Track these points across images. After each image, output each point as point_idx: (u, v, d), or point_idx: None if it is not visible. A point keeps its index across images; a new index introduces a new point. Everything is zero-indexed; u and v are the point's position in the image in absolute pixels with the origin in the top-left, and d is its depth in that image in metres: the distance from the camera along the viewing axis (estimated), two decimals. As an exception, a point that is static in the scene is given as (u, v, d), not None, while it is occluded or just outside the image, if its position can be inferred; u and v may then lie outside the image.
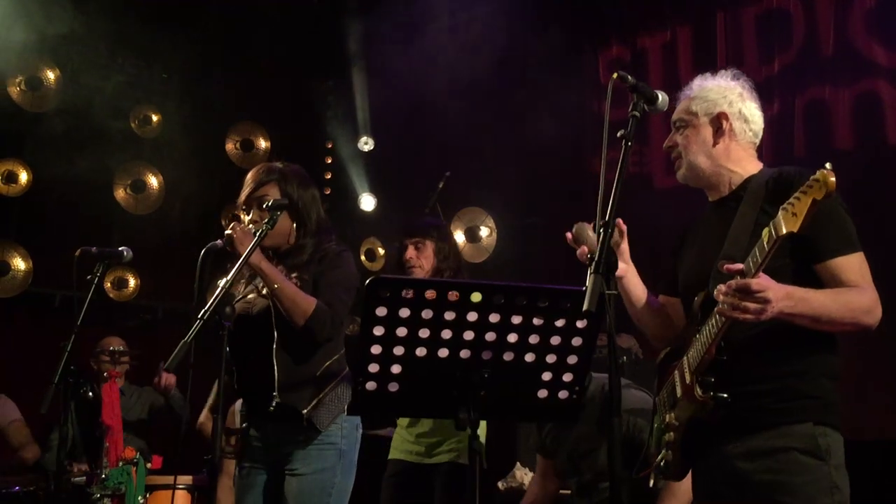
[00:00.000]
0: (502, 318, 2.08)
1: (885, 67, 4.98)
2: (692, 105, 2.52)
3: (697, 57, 5.74)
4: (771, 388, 2.23)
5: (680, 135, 2.53)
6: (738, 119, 2.48)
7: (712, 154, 2.47)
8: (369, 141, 7.10)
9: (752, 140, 2.51)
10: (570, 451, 3.43)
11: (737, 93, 2.51)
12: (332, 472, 2.91)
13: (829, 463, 2.18)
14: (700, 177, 2.49)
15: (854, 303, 2.19)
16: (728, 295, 2.06)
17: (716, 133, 2.47)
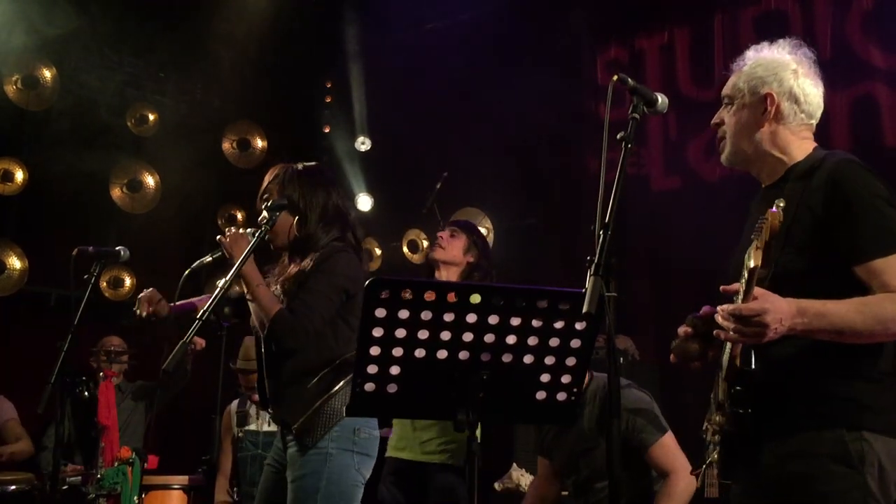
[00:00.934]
0: (501, 319, 2.07)
1: (882, 69, 5.00)
2: (740, 80, 2.32)
3: (695, 58, 5.76)
4: (800, 392, 2.12)
5: (727, 112, 2.34)
6: (787, 99, 2.26)
7: (754, 138, 2.28)
8: (366, 141, 7.09)
9: (804, 122, 2.29)
10: (571, 449, 3.44)
11: (791, 69, 2.29)
12: (315, 477, 2.83)
13: (864, 471, 2.04)
14: (745, 161, 2.32)
15: (885, 312, 2.01)
16: (725, 319, 1.97)
17: (761, 115, 2.28)
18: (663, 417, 3.37)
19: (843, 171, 2.13)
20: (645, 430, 3.27)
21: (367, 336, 2.05)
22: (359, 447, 2.91)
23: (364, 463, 2.93)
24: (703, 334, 2.24)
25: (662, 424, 3.31)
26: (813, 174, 2.17)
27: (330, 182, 3.12)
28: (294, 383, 2.87)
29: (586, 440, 3.39)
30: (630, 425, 3.28)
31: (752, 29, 5.45)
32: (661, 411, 3.41)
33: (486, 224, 6.43)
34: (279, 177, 3.05)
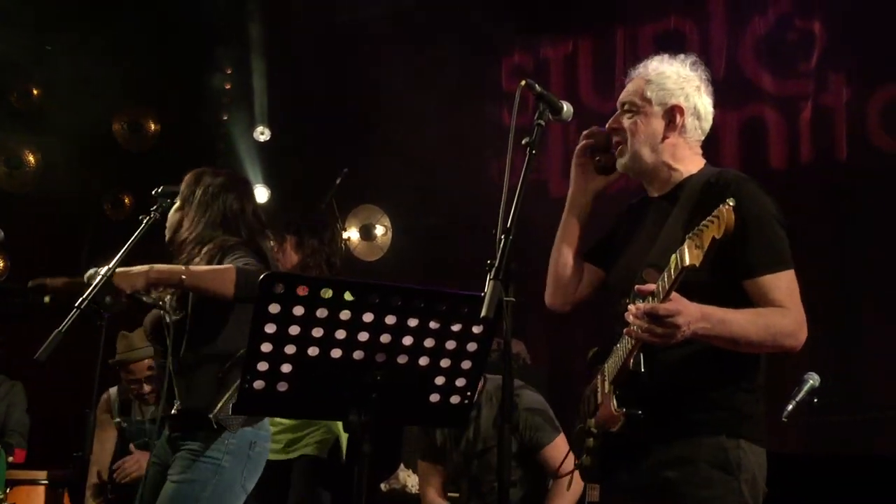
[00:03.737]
0: (398, 320, 2.03)
1: (771, 94, 5.22)
2: (647, 90, 2.33)
3: (597, 70, 5.87)
4: (686, 398, 2.16)
5: (628, 119, 2.35)
6: (691, 115, 2.31)
7: (658, 148, 2.31)
8: (266, 131, 6.92)
9: (699, 137, 2.36)
10: (466, 450, 3.44)
11: (695, 85, 2.34)
12: (200, 485, 2.74)
13: (740, 477, 2.11)
14: (641, 169, 2.34)
15: (776, 325, 2.09)
16: (638, 318, 1.99)
17: (667, 126, 2.31)
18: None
19: (741, 189, 2.17)
20: (542, 429, 3.32)
21: (259, 332, 1.98)
22: (251, 462, 2.84)
23: (251, 478, 2.88)
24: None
25: (557, 425, 3.36)
26: (708, 189, 2.21)
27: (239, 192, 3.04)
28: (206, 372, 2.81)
29: (483, 441, 3.40)
30: (527, 424, 3.31)
31: (651, 45, 5.59)
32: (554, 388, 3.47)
33: (385, 223, 6.38)
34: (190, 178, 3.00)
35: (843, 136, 4.94)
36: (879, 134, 4.87)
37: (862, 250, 4.83)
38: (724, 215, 1.88)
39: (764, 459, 2.19)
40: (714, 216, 1.90)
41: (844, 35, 4.96)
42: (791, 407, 3.31)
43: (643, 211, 2.41)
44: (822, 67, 5.04)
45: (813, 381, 3.35)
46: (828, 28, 5.04)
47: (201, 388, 2.82)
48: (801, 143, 5.10)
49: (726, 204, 1.90)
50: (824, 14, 5.05)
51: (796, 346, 2.12)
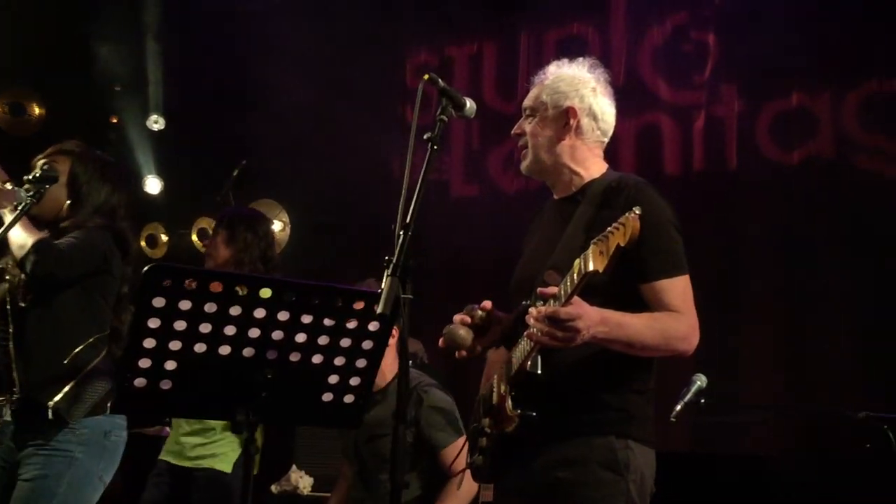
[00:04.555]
0: (292, 316, 1.97)
1: (667, 102, 5.36)
2: (543, 93, 2.37)
3: (501, 72, 5.91)
4: (579, 399, 2.18)
5: (528, 123, 2.38)
6: (587, 116, 2.34)
7: (555, 150, 2.34)
8: (160, 119, 6.67)
9: (599, 139, 2.38)
10: (358, 433, 3.37)
11: (590, 86, 2.36)
12: (55, 480, 2.64)
13: (627, 477, 2.14)
14: (542, 171, 2.38)
15: (670, 329, 2.13)
16: (538, 321, 1.99)
17: (562, 128, 2.34)
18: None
19: (642, 195, 2.21)
20: (443, 430, 3.28)
21: (142, 326, 1.88)
22: (108, 452, 2.76)
23: (108, 469, 2.78)
24: (478, 327, 2.28)
25: (460, 427, 3.34)
26: (610, 192, 2.24)
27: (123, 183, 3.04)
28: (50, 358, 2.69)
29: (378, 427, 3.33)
30: (429, 423, 3.28)
31: (554, 50, 5.67)
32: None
33: (283, 218, 6.25)
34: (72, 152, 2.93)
35: (734, 146, 5.12)
36: (768, 145, 5.06)
37: (747, 257, 5.02)
38: (630, 223, 1.90)
39: (653, 459, 2.23)
40: (620, 223, 1.91)
41: (737, 48, 5.14)
42: (679, 407, 3.39)
43: (548, 214, 2.44)
44: (715, 79, 5.21)
45: (700, 382, 3.44)
46: (721, 41, 5.21)
47: (42, 375, 2.70)
48: (695, 151, 5.26)
49: (633, 212, 1.92)
50: (718, 27, 5.22)
51: (689, 350, 2.16)
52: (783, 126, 5.02)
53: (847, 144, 4.87)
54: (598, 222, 2.15)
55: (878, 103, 4.82)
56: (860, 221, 4.73)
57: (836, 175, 4.86)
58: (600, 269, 1.88)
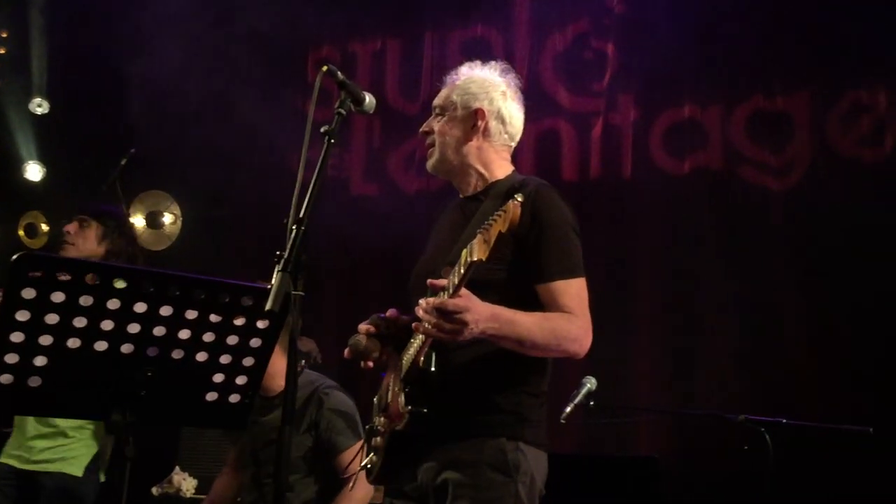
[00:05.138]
0: (175, 311, 1.89)
1: (566, 109, 5.44)
2: (454, 94, 2.40)
3: (404, 71, 5.87)
4: (472, 399, 2.17)
5: (437, 122, 2.41)
6: (495, 118, 2.37)
7: (462, 150, 2.37)
8: (43, 103, 6.33)
9: (506, 143, 2.41)
10: (254, 438, 3.28)
11: (500, 90, 2.40)
12: None
13: (517, 479, 2.13)
14: (448, 170, 2.40)
15: (561, 330, 2.14)
16: (427, 313, 1.97)
17: (471, 129, 2.37)
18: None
19: (544, 197, 2.24)
20: (343, 433, 3.22)
21: (9, 320, 1.75)
22: None
23: None
24: (383, 335, 2.26)
25: (359, 431, 3.28)
26: (513, 192, 2.20)
27: None
28: None
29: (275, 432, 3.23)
30: (329, 426, 3.21)
31: (458, 51, 5.67)
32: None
33: (174, 211, 6.04)
34: None
35: (629, 155, 5.23)
36: (661, 154, 5.20)
37: (638, 264, 5.14)
38: (510, 210, 1.91)
39: (544, 462, 2.24)
40: (501, 211, 1.92)
41: (634, 59, 5.26)
42: (569, 409, 3.43)
43: (452, 212, 2.45)
44: (612, 88, 5.32)
45: (590, 384, 3.50)
46: (620, 51, 5.32)
47: None
48: (592, 158, 5.35)
49: (514, 199, 1.94)
50: (618, 37, 5.33)
51: (580, 352, 2.17)
52: (675, 136, 5.17)
53: (734, 156, 5.05)
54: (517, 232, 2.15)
55: (763, 119, 5.02)
56: (744, 231, 4.91)
57: (724, 185, 5.03)
58: (483, 258, 1.87)
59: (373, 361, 2.24)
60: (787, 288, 4.79)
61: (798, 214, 4.81)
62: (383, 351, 2.26)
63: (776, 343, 4.73)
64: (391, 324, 2.27)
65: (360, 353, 2.22)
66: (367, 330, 2.25)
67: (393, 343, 2.27)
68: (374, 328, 2.25)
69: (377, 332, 2.25)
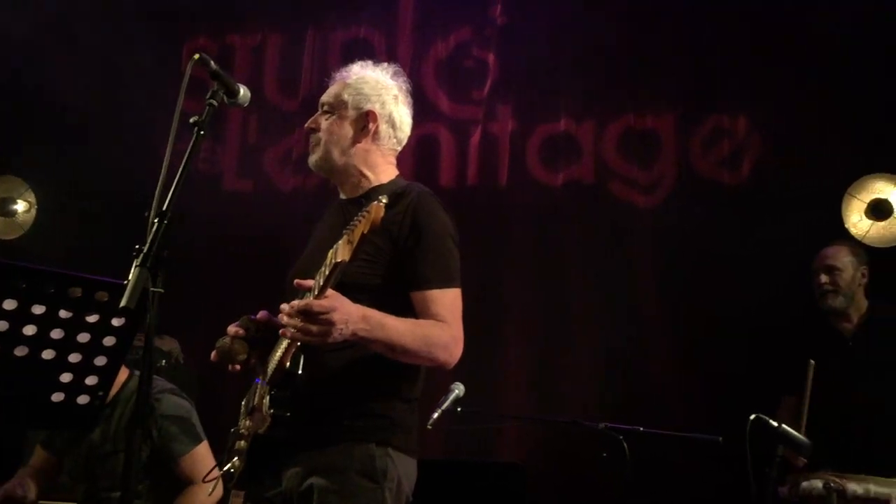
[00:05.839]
0: (21, 305, 1.77)
1: (446, 115, 5.47)
2: (344, 93, 2.38)
3: (284, 68, 5.75)
4: (341, 405, 2.14)
5: (325, 119, 2.38)
6: (385, 122, 2.36)
7: (349, 151, 2.34)
8: None
9: (394, 147, 2.41)
10: (89, 451, 3.10)
11: (392, 94, 2.40)
12: None
13: (384, 486, 2.11)
14: (331, 170, 2.37)
15: (433, 337, 2.12)
16: (291, 316, 1.93)
17: (360, 131, 2.35)
18: (201, 426, 3.22)
19: (425, 205, 2.24)
20: (177, 439, 3.09)
21: None
22: None
23: None
24: (252, 339, 2.20)
25: (197, 434, 3.16)
26: (395, 199, 2.23)
27: None
28: None
29: (112, 443, 3.09)
30: (162, 433, 3.07)
31: (340, 51, 5.61)
32: (200, 417, 3.26)
33: (29, 198, 5.70)
34: None
35: (505, 164, 5.31)
36: (537, 166, 5.31)
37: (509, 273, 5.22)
38: (373, 211, 1.90)
39: (412, 469, 2.22)
40: (365, 211, 1.91)
41: (514, 70, 5.35)
42: (436, 415, 3.43)
43: (332, 213, 2.43)
44: (492, 97, 5.39)
45: (458, 390, 3.52)
46: (500, 62, 5.40)
47: None
48: (469, 165, 5.40)
49: (378, 201, 1.93)
50: (498, 48, 5.42)
51: (450, 361, 2.16)
52: (551, 149, 5.29)
53: (605, 172, 5.21)
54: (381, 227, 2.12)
55: (633, 137, 5.21)
56: (612, 244, 5.08)
57: (595, 199, 5.19)
58: (346, 259, 1.86)
59: (240, 364, 2.18)
60: (650, 301, 4.98)
61: (662, 230, 5.01)
62: (252, 354, 2.20)
63: (638, 354, 4.91)
64: (261, 326, 2.22)
65: (227, 355, 2.16)
66: (236, 332, 2.18)
67: (263, 346, 2.21)
68: (243, 331, 2.19)
69: (246, 334, 2.19)
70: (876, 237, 4.73)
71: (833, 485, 3.28)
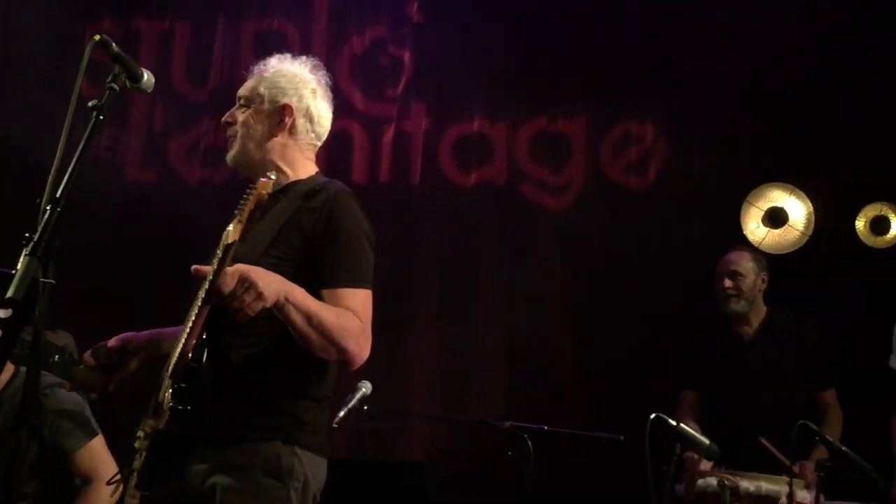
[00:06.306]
0: None
1: (360, 111, 5.43)
2: (261, 86, 2.34)
3: (193, 56, 5.59)
4: (247, 401, 2.10)
5: (241, 113, 2.33)
6: (303, 116, 2.33)
7: (266, 146, 2.30)
8: None
9: (313, 142, 2.37)
10: None
11: (310, 88, 2.36)
12: None
13: (289, 485, 2.08)
14: (248, 164, 2.32)
15: (346, 323, 2.08)
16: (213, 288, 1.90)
17: (276, 125, 2.31)
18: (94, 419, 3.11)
19: (342, 202, 2.21)
20: (70, 434, 2.97)
21: None
22: None
23: None
24: (105, 366, 2.18)
25: (92, 427, 3.05)
26: (311, 195, 2.22)
27: None
28: None
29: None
30: (53, 429, 2.95)
31: (252, 41, 5.50)
32: (96, 416, 3.14)
33: None
34: None
35: (418, 163, 5.31)
36: (449, 165, 5.32)
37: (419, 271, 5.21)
38: (259, 187, 1.90)
39: (321, 469, 2.19)
40: (251, 188, 1.90)
41: (429, 69, 5.35)
42: (342, 413, 3.40)
43: None
44: (406, 95, 5.37)
45: (365, 389, 3.49)
46: (416, 60, 5.39)
47: None
48: (382, 163, 5.37)
49: (267, 177, 1.93)
50: (414, 46, 5.40)
51: (357, 353, 2.13)
52: (463, 149, 5.31)
53: (517, 173, 5.27)
54: (292, 220, 2.15)
55: (545, 140, 5.28)
56: (521, 246, 5.14)
57: (505, 201, 5.23)
58: (237, 238, 1.86)
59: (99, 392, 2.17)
60: (557, 302, 5.06)
61: (569, 233, 5.09)
62: (110, 380, 2.18)
63: (545, 354, 4.98)
64: (114, 353, 2.19)
65: (82, 387, 2.12)
66: (87, 361, 2.17)
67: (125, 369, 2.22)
68: (94, 361, 2.17)
69: (97, 363, 2.17)
70: (772, 244, 4.92)
71: (727, 483, 3.39)
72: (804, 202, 4.95)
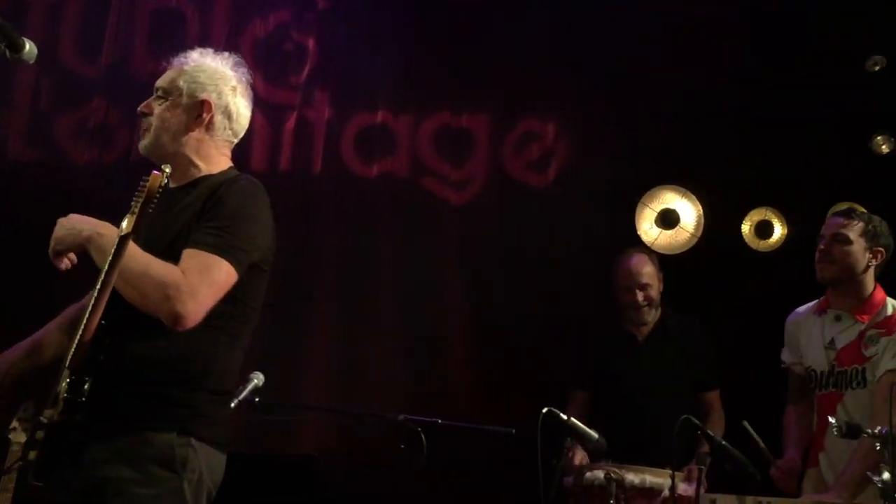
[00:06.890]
0: None
1: (261, 98, 5.28)
2: (180, 79, 2.35)
3: (85, 31, 5.33)
4: (143, 392, 2.09)
5: (158, 104, 2.33)
6: (221, 113, 2.36)
7: (181, 140, 2.32)
8: None
9: (229, 139, 2.40)
10: None
11: (230, 84, 2.40)
12: None
13: (184, 476, 2.07)
14: (161, 156, 2.31)
15: (166, 276, 2.05)
16: None
17: (193, 120, 2.32)
18: None
19: (238, 186, 2.25)
20: None
21: None
22: None
23: None
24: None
25: None
26: (218, 187, 2.24)
27: None
28: None
29: None
30: None
31: (148, 20, 5.27)
32: None
33: None
34: None
35: (320, 152, 5.24)
36: (351, 156, 5.27)
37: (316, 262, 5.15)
38: (150, 179, 1.96)
39: (219, 462, 2.19)
40: (144, 180, 1.94)
41: (334, 58, 5.28)
42: (233, 404, 3.31)
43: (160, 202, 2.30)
44: (310, 83, 5.29)
45: (257, 380, 3.42)
46: (320, 48, 5.31)
47: None
48: (283, 151, 5.27)
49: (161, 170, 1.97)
50: (319, 34, 5.32)
51: (174, 309, 2.05)
52: (366, 140, 5.27)
53: (419, 167, 5.27)
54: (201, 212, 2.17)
55: (448, 134, 5.30)
56: (422, 240, 5.13)
57: (407, 193, 5.23)
58: (130, 230, 1.91)
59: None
60: (454, 297, 5.10)
61: (469, 229, 5.13)
62: None
63: (441, 347, 5.01)
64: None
65: None
66: None
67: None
68: None
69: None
70: (664, 245, 5.08)
71: (613, 475, 3.48)
72: (695, 205, 5.13)
